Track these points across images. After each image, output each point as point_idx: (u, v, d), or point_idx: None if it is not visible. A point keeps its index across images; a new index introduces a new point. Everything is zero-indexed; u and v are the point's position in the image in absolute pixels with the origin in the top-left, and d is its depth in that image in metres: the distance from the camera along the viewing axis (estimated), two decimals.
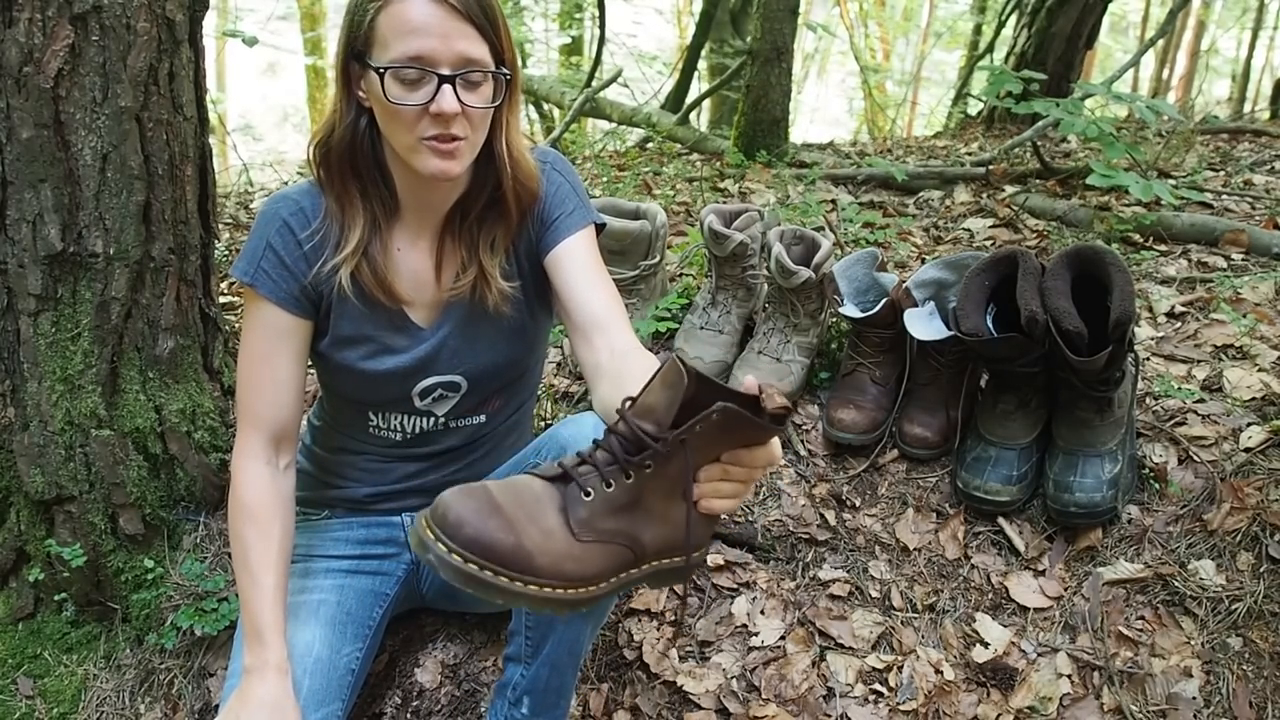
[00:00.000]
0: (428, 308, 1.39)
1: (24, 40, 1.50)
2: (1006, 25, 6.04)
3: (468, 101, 1.20)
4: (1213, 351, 2.17)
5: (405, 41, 1.17)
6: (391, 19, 1.18)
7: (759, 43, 4.21)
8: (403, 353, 1.39)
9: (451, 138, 1.21)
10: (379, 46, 1.19)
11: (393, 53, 1.18)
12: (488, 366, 1.44)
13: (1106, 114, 4.32)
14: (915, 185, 3.74)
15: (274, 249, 1.32)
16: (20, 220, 1.58)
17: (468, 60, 1.19)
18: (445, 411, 1.46)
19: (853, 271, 2.07)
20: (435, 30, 1.17)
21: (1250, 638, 1.62)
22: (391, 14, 1.18)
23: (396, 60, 1.17)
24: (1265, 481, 1.77)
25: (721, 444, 0.95)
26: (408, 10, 1.17)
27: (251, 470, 1.34)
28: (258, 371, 1.35)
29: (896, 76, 11.59)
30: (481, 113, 1.24)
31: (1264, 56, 10.78)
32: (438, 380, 1.42)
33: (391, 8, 1.18)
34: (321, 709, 1.30)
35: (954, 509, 1.90)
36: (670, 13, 10.97)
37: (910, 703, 1.62)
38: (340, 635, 1.39)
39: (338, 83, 1.28)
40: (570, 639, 1.35)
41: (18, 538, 1.74)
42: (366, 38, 1.20)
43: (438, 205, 1.36)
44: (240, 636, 1.33)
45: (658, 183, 3.87)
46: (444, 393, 1.44)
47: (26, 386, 1.66)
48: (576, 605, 0.92)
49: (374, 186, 1.32)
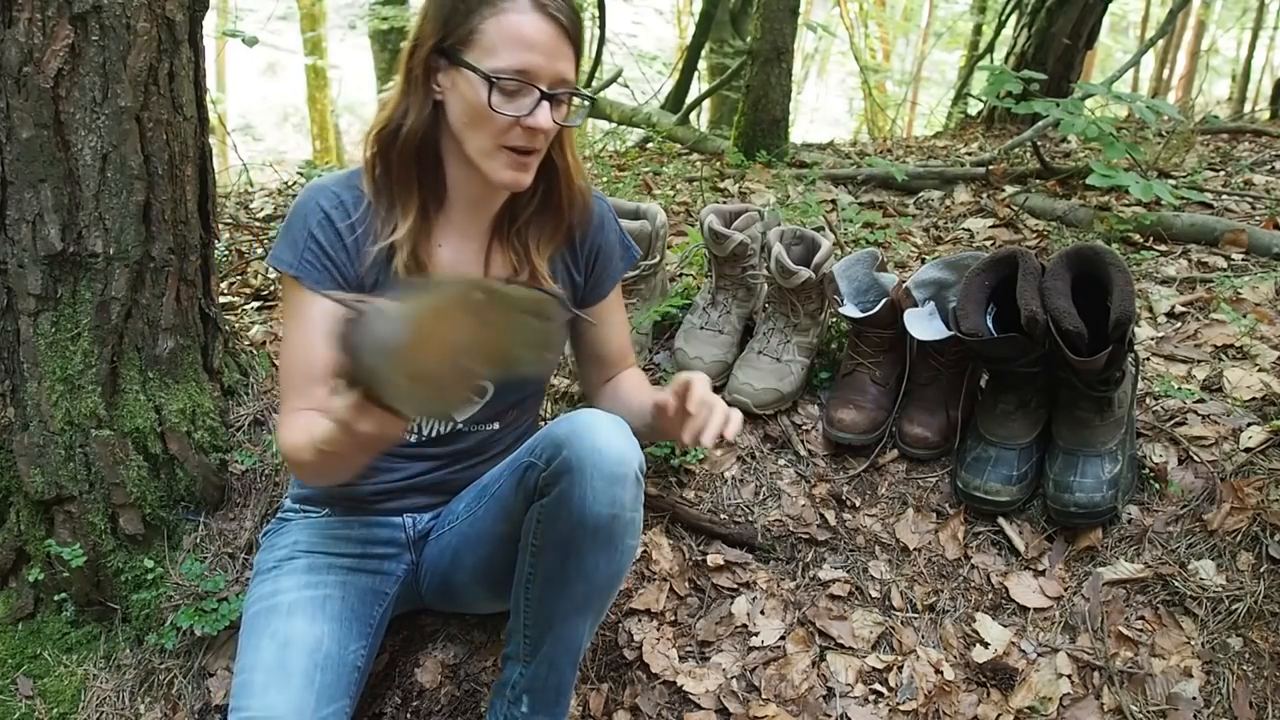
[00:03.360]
0: None
1: (24, 40, 1.50)
2: (1006, 25, 6.03)
3: (557, 120, 1.26)
4: (1213, 351, 2.17)
5: (515, 53, 1.21)
6: (505, 28, 1.21)
7: (759, 43, 4.21)
8: None
9: (531, 150, 1.27)
10: (483, 51, 1.22)
11: (501, 61, 1.21)
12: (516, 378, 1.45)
13: (1106, 114, 4.32)
14: (915, 185, 3.73)
15: (316, 239, 1.33)
16: (20, 220, 1.58)
17: (564, 80, 1.25)
18: (464, 417, 1.47)
19: (853, 271, 2.07)
20: (546, 47, 1.22)
21: (1250, 638, 1.62)
22: (506, 23, 1.21)
23: (503, 70, 1.21)
24: (1265, 481, 1.77)
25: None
26: (524, 24, 1.21)
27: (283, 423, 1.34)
28: (302, 358, 1.35)
29: (896, 76, 11.59)
30: (557, 129, 1.29)
31: (1264, 56, 10.78)
32: None
33: (508, 17, 1.21)
34: (332, 704, 1.30)
35: (954, 509, 1.90)
36: (670, 13, 10.97)
37: (910, 703, 1.62)
38: (347, 632, 1.40)
39: (413, 73, 1.29)
40: (568, 637, 1.35)
41: (18, 538, 1.74)
42: (467, 38, 1.23)
43: (489, 207, 1.40)
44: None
45: (658, 183, 3.87)
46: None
47: (26, 386, 1.66)
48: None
49: (431, 180, 1.35)
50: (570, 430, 1.27)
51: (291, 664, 1.29)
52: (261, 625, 1.35)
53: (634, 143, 5.44)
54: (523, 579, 1.35)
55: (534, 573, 1.33)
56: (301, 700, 1.26)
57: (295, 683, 1.27)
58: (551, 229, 1.42)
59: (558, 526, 1.26)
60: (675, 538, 1.90)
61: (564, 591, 1.31)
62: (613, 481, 1.23)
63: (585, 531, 1.25)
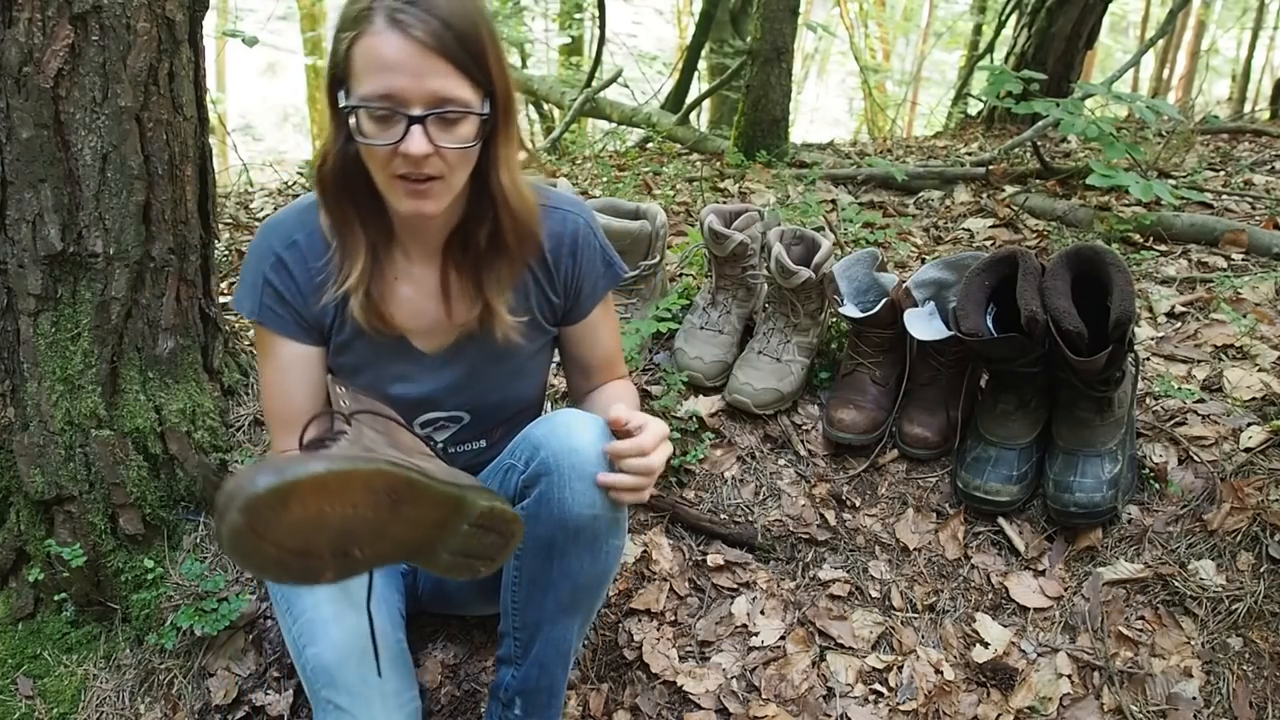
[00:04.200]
0: (433, 336, 1.37)
1: (24, 40, 1.50)
2: (1006, 25, 6.03)
3: (441, 142, 1.13)
4: (1213, 351, 2.17)
5: (376, 77, 1.11)
6: (364, 52, 1.11)
7: (759, 43, 4.21)
8: (409, 381, 1.38)
9: (425, 178, 1.16)
10: (354, 79, 1.13)
11: (365, 88, 1.12)
12: (494, 403, 1.45)
13: (1106, 114, 4.32)
14: (915, 185, 3.74)
15: (272, 285, 1.30)
16: (20, 220, 1.58)
17: (442, 99, 1.12)
18: (444, 439, 1.47)
19: (853, 271, 2.07)
20: (407, 67, 1.10)
21: (1250, 638, 1.62)
22: (364, 47, 1.11)
23: (368, 97, 1.11)
24: (1265, 481, 1.77)
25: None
26: (380, 45, 1.10)
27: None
28: (279, 402, 1.35)
29: (896, 76, 11.58)
30: (460, 153, 1.17)
31: (1264, 56, 10.78)
32: (442, 415, 1.44)
33: (364, 40, 1.11)
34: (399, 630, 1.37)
35: (954, 509, 1.90)
36: (670, 13, 10.96)
37: (910, 703, 1.62)
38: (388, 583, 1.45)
39: (329, 108, 1.21)
40: (557, 639, 1.35)
41: (18, 538, 1.74)
42: (346, 66, 1.14)
43: (431, 239, 1.32)
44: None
45: (658, 183, 3.87)
46: (447, 424, 1.45)
47: (26, 386, 1.66)
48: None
49: (371, 214, 1.27)
50: (548, 431, 1.26)
51: (356, 594, 1.31)
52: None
53: (634, 143, 5.45)
54: (509, 582, 1.35)
55: (519, 575, 1.33)
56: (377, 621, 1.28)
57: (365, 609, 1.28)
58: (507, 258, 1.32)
59: (539, 529, 1.25)
60: (675, 538, 1.90)
61: (550, 593, 1.31)
62: (591, 482, 1.22)
63: (566, 533, 1.25)
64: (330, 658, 1.28)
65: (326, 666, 1.27)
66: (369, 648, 1.27)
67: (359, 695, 1.26)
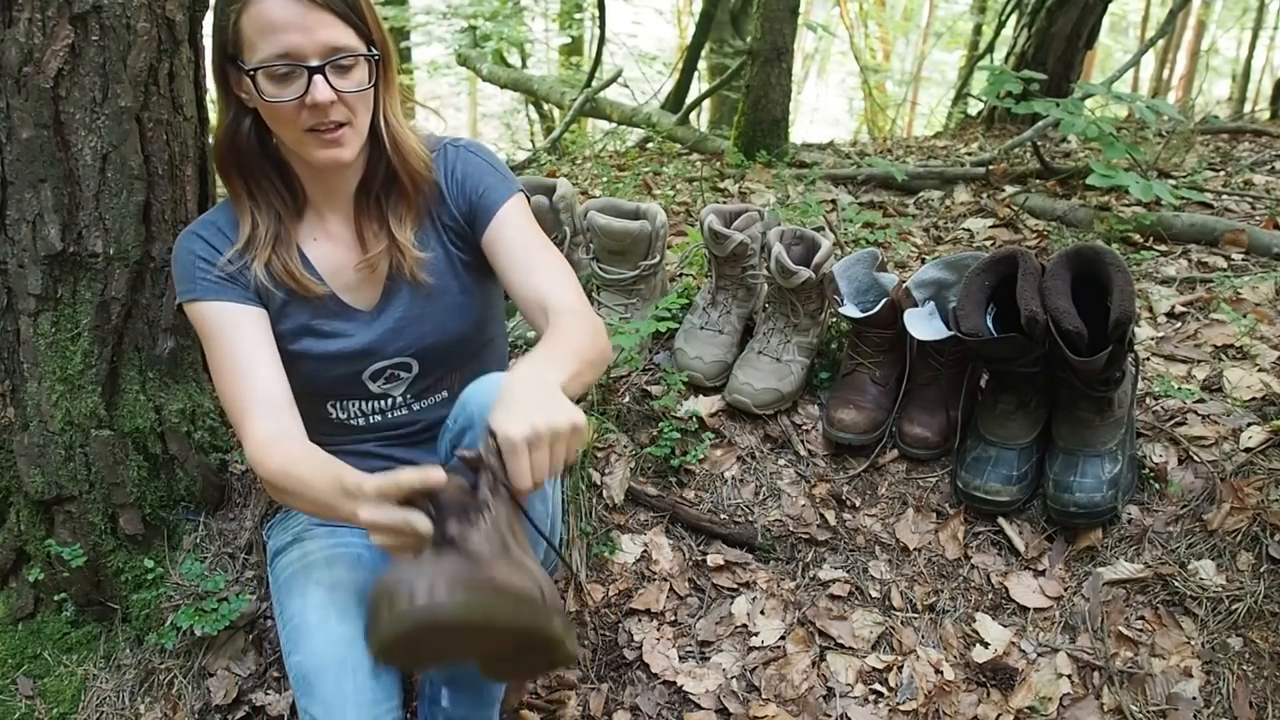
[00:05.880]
0: (361, 290, 1.43)
1: (24, 40, 1.50)
2: (1006, 25, 6.03)
3: (341, 88, 1.24)
4: (1213, 351, 2.17)
5: (269, 40, 1.21)
6: (253, 20, 1.22)
7: (759, 43, 4.21)
8: (346, 337, 1.42)
9: (335, 125, 1.26)
10: (247, 48, 1.23)
11: (261, 53, 1.22)
12: (436, 344, 1.46)
13: (1106, 114, 4.31)
14: (915, 185, 3.73)
15: (201, 258, 1.36)
16: (20, 220, 1.58)
17: (334, 48, 1.23)
18: (401, 392, 1.47)
19: (853, 271, 2.07)
20: (297, 24, 1.21)
21: (1250, 638, 1.62)
22: (252, 15, 1.22)
23: (266, 60, 1.22)
24: (1265, 481, 1.77)
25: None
26: (267, 9, 1.21)
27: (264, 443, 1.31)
28: (238, 376, 1.34)
29: (896, 76, 11.57)
30: (359, 96, 1.28)
31: (1264, 56, 10.77)
32: (387, 363, 1.45)
33: (251, 9, 1.22)
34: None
35: (954, 509, 1.90)
36: (670, 13, 10.97)
37: (910, 703, 1.62)
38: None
39: (218, 89, 1.31)
40: None
41: (18, 538, 1.74)
42: (235, 41, 1.24)
43: (343, 191, 1.40)
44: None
45: (658, 183, 3.87)
46: (396, 373, 1.46)
47: (26, 386, 1.66)
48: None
49: (270, 183, 1.37)
50: (474, 388, 1.26)
51: (344, 601, 1.31)
52: (302, 579, 1.36)
53: (634, 143, 5.44)
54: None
55: None
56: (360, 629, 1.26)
57: (353, 614, 1.28)
58: (404, 195, 1.40)
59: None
60: (675, 538, 1.90)
61: None
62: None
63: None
64: (309, 665, 1.26)
65: (305, 675, 1.26)
66: (348, 658, 1.25)
67: (333, 706, 1.23)
